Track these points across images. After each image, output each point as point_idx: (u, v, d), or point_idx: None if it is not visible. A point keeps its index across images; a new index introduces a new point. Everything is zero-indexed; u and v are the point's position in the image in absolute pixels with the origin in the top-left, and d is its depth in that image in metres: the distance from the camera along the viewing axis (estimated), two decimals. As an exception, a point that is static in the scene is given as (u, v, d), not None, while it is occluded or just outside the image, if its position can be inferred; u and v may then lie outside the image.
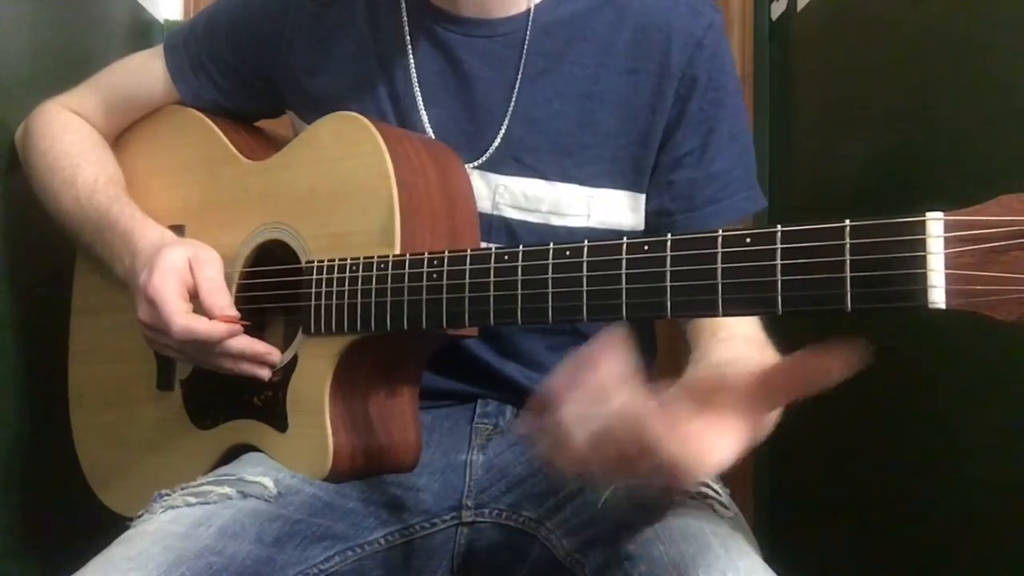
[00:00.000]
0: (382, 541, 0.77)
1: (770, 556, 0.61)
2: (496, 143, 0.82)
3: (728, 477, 1.47)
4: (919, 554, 0.92)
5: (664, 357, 1.01)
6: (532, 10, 0.83)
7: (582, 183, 0.83)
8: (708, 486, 0.67)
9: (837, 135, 1.21)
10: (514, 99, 0.82)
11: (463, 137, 0.83)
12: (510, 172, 0.83)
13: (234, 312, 0.76)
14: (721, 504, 0.66)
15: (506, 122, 0.82)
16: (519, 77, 0.82)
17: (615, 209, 0.84)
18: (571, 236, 0.83)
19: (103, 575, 0.60)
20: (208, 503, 0.69)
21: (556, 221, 0.83)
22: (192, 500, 0.69)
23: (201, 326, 0.74)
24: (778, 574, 0.58)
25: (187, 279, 0.77)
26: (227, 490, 0.71)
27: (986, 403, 0.80)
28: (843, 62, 1.19)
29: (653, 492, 0.56)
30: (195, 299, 0.77)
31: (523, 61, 0.82)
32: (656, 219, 0.86)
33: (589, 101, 0.83)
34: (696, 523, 0.61)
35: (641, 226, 0.87)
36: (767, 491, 1.43)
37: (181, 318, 0.74)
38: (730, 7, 1.44)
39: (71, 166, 0.90)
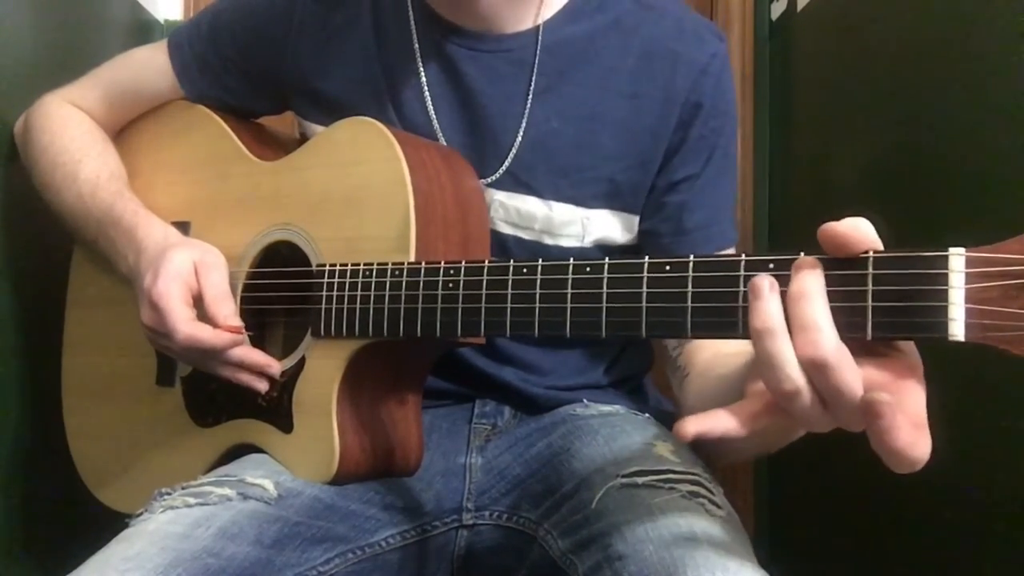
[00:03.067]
0: (383, 544, 0.77)
1: (770, 556, 0.62)
2: (506, 164, 0.83)
3: (728, 477, 1.49)
4: (919, 554, 0.93)
5: (662, 362, 1.02)
6: (541, 27, 0.83)
7: (578, 204, 0.83)
8: (701, 485, 0.68)
9: (837, 135, 1.22)
10: (525, 118, 0.82)
11: (467, 151, 0.83)
12: (507, 189, 0.83)
13: (238, 321, 0.76)
14: (713, 503, 0.66)
15: (518, 142, 0.82)
16: (530, 96, 0.82)
17: (609, 229, 0.85)
18: (563, 255, 0.83)
19: (101, 574, 0.60)
20: (208, 504, 0.69)
21: (548, 240, 0.84)
22: (192, 501, 0.69)
23: (205, 335, 0.74)
24: (778, 574, 0.59)
25: (192, 284, 0.77)
26: (227, 491, 0.71)
27: (988, 404, 0.81)
28: (843, 62, 1.20)
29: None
30: (199, 304, 0.77)
31: (533, 79, 0.82)
32: (646, 239, 0.87)
33: (590, 123, 0.83)
34: (687, 523, 0.62)
35: (631, 242, 0.87)
36: (767, 491, 1.45)
37: (185, 326, 0.74)
38: (730, 7, 1.45)
39: (73, 161, 0.89)
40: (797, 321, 0.45)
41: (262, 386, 0.78)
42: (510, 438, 0.85)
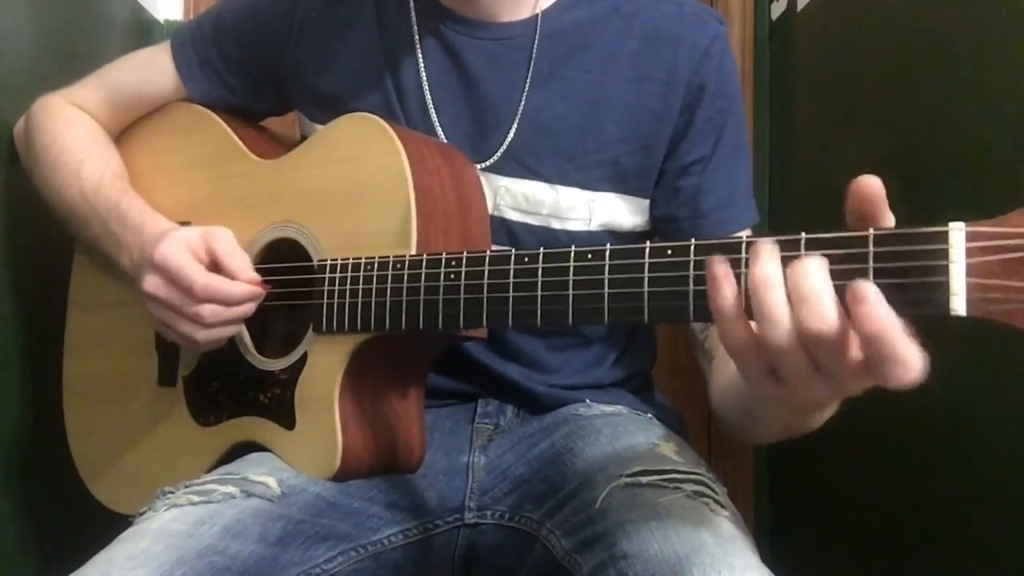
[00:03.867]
0: (385, 542, 0.77)
1: (770, 556, 0.62)
2: (503, 149, 0.83)
3: (728, 477, 1.48)
4: (919, 554, 0.93)
5: (664, 361, 1.02)
6: (540, 16, 0.84)
7: (584, 187, 0.84)
8: (706, 484, 0.68)
9: (837, 135, 1.22)
10: (522, 103, 0.83)
11: (467, 139, 0.84)
12: (512, 174, 0.84)
13: (256, 275, 0.77)
14: (717, 503, 0.66)
15: (514, 127, 0.83)
16: (527, 81, 0.83)
17: (616, 213, 0.85)
18: (571, 239, 0.84)
19: (105, 573, 0.59)
20: (211, 502, 0.69)
21: (556, 224, 0.84)
22: (195, 499, 0.69)
23: (225, 285, 0.75)
24: (778, 574, 0.59)
25: (199, 253, 0.77)
26: (231, 489, 0.71)
27: (987, 403, 0.81)
28: (843, 62, 1.20)
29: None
30: (214, 269, 0.77)
31: (531, 66, 0.83)
32: (663, 225, 0.87)
33: (593, 107, 0.83)
34: (691, 522, 0.62)
35: (640, 228, 0.88)
36: (767, 491, 1.45)
37: (203, 276, 0.74)
38: (730, 7, 1.45)
39: (76, 161, 0.89)
40: (798, 294, 0.45)
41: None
42: (513, 438, 0.85)
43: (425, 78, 0.84)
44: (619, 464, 0.72)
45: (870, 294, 0.43)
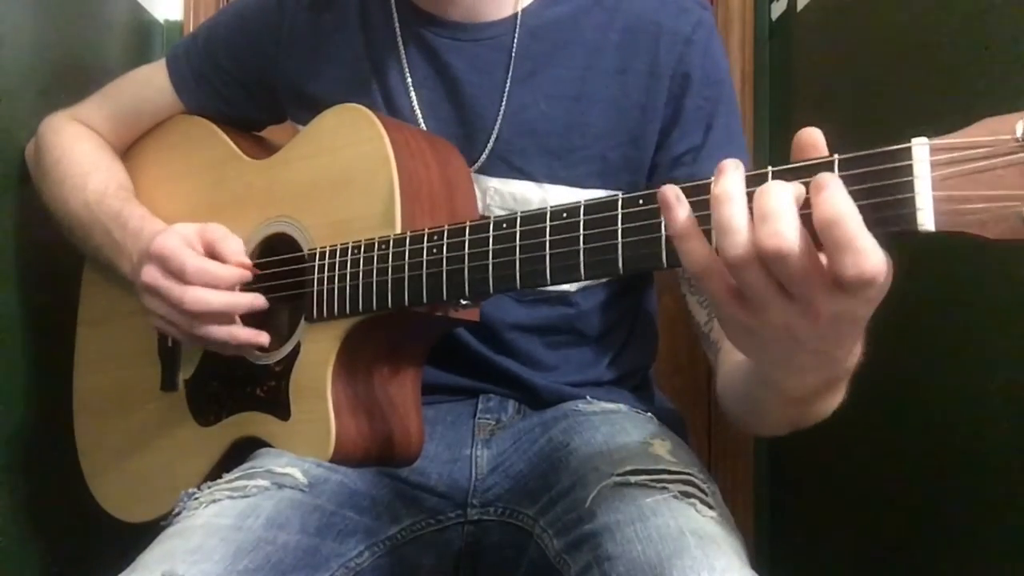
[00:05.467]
0: (398, 537, 0.77)
1: (770, 556, 0.60)
2: (488, 149, 0.83)
3: (728, 477, 1.44)
4: (919, 554, 0.91)
5: (665, 360, 1.01)
6: (519, 14, 0.85)
7: (572, 184, 0.84)
8: (694, 484, 0.67)
9: (837, 135, 1.21)
10: (504, 103, 0.83)
11: (454, 141, 0.84)
12: (500, 175, 0.84)
13: (246, 260, 0.78)
14: (705, 504, 0.66)
15: (497, 126, 0.83)
16: (508, 81, 0.83)
17: None
18: None
19: (169, 567, 0.59)
20: (248, 496, 0.69)
21: None
22: (233, 494, 0.69)
23: (215, 267, 0.76)
24: (780, 575, 0.57)
25: (195, 244, 0.78)
26: (262, 482, 0.71)
27: (986, 407, 0.79)
28: (843, 62, 1.20)
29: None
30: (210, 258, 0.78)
31: (511, 65, 0.84)
32: None
33: (578, 103, 0.83)
34: (676, 523, 0.61)
35: None
36: (767, 491, 1.42)
37: (194, 259, 0.76)
38: (730, 7, 1.45)
39: (82, 173, 0.92)
40: (760, 213, 0.44)
41: (263, 340, 0.79)
42: (514, 432, 0.84)
43: (410, 83, 0.85)
44: (611, 463, 0.71)
45: (830, 182, 0.41)
